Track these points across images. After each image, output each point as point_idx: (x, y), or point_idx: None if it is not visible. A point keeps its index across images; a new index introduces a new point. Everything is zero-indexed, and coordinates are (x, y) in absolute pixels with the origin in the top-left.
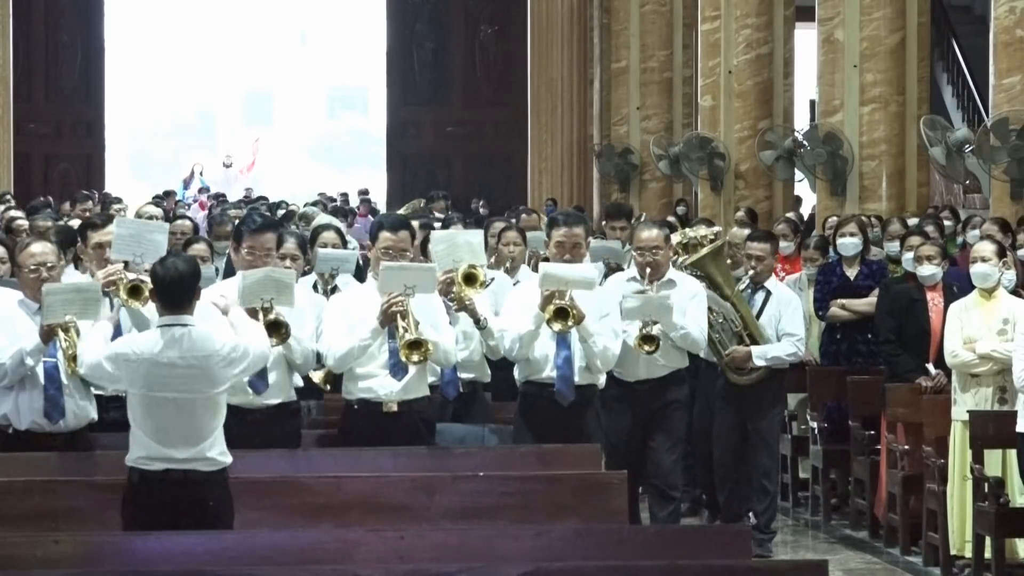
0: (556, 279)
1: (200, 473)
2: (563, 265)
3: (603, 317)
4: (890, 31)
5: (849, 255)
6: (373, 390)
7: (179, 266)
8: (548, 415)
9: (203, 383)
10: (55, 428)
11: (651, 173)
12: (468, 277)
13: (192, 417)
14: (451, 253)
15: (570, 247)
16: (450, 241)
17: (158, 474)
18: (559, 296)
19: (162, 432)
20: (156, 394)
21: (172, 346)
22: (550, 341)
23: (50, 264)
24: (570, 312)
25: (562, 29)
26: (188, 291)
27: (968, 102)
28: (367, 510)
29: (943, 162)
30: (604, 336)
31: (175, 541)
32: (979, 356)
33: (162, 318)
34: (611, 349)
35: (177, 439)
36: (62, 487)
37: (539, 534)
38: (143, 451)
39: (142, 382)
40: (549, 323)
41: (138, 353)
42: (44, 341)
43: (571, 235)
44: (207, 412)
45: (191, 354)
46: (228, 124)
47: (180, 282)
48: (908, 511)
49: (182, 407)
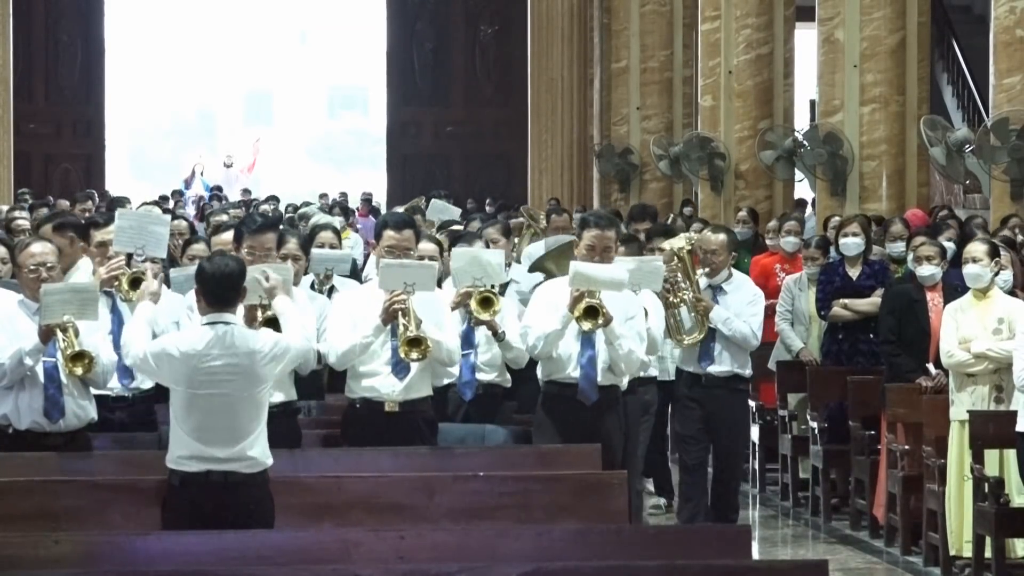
0: (586, 278)
1: (240, 475)
2: (594, 265)
3: (628, 320)
4: (890, 31)
5: (851, 255)
6: (375, 389)
7: (229, 263)
8: (569, 414)
9: (246, 381)
10: (55, 428)
11: (651, 173)
12: (484, 301)
13: (234, 416)
14: (471, 271)
15: (601, 250)
16: (471, 259)
17: (199, 477)
18: (589, 295)
19: (204, 431)
20: (198, 392)
21: (216, 344)
22: (574, 341)
23: (50, 264)
24: (600, 311)
25: (562, 29)
26: (236, 289)
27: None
28: (367, 510)
29: (943, 162)
30: (630, 339)
31: (175, 541)
32: (975, 356)
33: (206, 316)
34: (636, 352)
35: (218, 438)
36: (62, 487)
37: (539, 534)
38: (184, 450)
39: (185, 380)
40: (579, 321)
41: (182, 350)
42: (43, 341)
43: (603, 238)
44: (249, 411)
45: (234, 352)
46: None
47: (229, 279)
48: (908, 511)
49: (224, 405)
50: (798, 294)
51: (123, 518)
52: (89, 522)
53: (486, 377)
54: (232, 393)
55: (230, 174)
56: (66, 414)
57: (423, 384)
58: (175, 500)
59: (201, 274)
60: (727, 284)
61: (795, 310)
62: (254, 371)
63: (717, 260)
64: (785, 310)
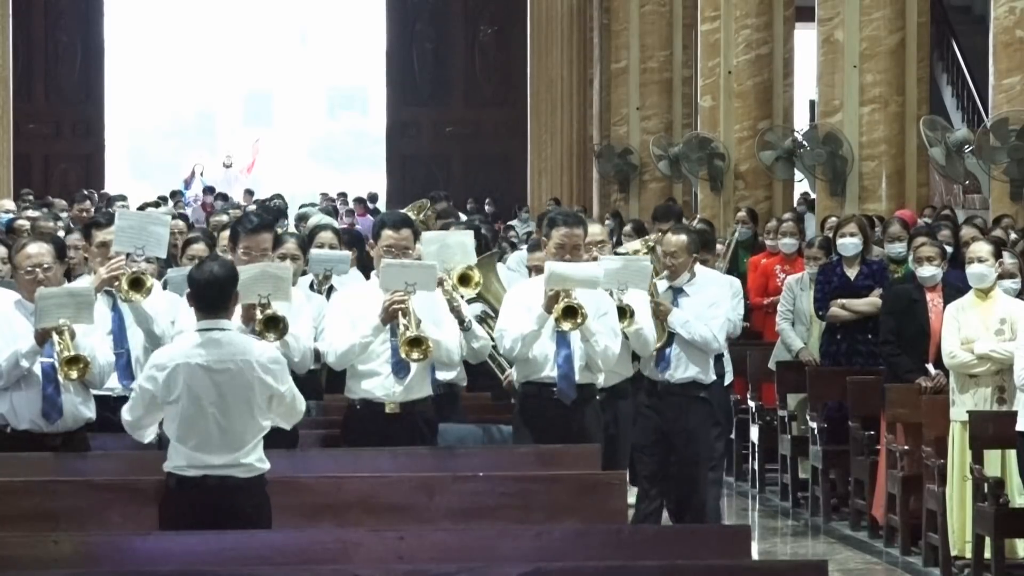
0: (562, 278)
1: (237, 479)
2: (569, 264)
3: (602, 316)
4: (890, 31)
5: (849, 255)
6: (375, 391)
7: (215, 269)
8: (549, 415)
9: (241, 387)
10: (53, 428)
11: (651, 173)
12: (463, 278)
13: (230, 422)
14: (442, 254)
15: (570, 248)
16: (441, 242)
17: (195, 480)
18: (565, 295)
19: (199, 440)
20: (193, 400)
21: (209, 350)
22: (549, 340)
23: (46, 265)
24: (579, 311)
25: (562, 29)
26: (224, 295)
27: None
28: (367, 510)
29: (943, 162)
30: (604, 335)
31: (175, 541)
32: (977, 357)
33: (199, 322)
34: (611, 348)
35: (215, 445)
36: (60, 487)
37: (539, 534)
38: (182, 460)
39: (179, 389)
40: (558, 322)
41: (175, 359)
42: (39, 344)
43: (572, 236)
44: (245, 419)
45: (229, 358)
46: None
47: (215, 285)
48: (908, 511)
49: (220, 412)
50: (799, 294)
51: (122, 518)
52: (88, 522)
53: (445, 376)
54: (227, 399)
55: (230, 175)
56: (64, 414)
57: (423, 385)
58: (172, 502)
59: (190, 282)
60: (689, 286)
61: (796, 310)
62: (249, 379)
63: (677, 262)
64: (786, 310)
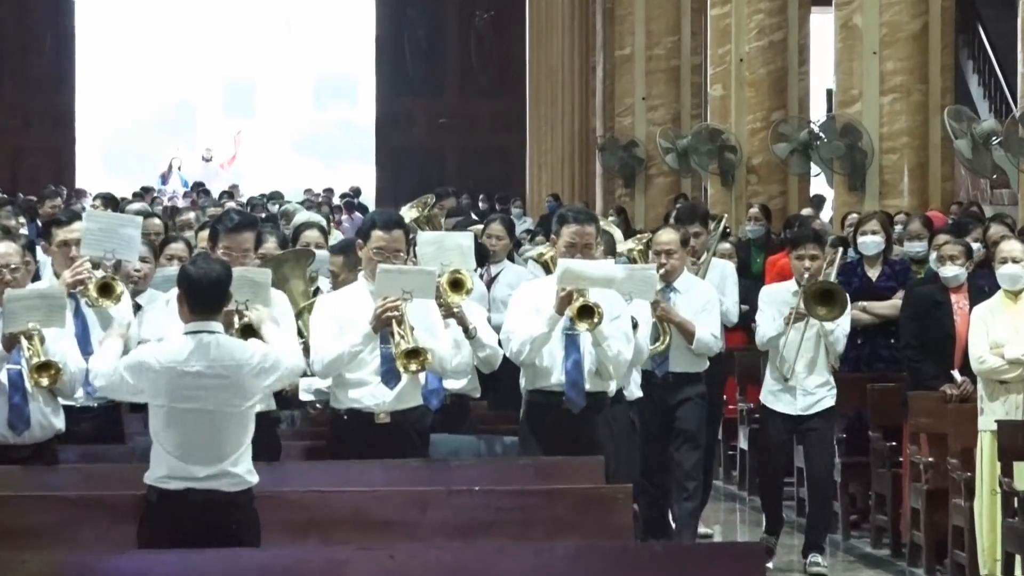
0: (577, 276)
1: (223, 494)
2: (584, 261)
3: (614, 319)
4: (912, 16)
5: (870, 254)
6: (364, 400)
7: (215, 267)
8: (557, 424)
9: (231, 394)
10: (20, 440)
11: (657, 167)
12: (454, 283)
13: (218, 431)
14: (439, 256)
15: (582, 246)
16: (439, 243)
17: (178, 493)
18: (579, 294)
19: (185, 448)
20: (180, 406)
21: (199, 354)
22: (558, 345)
23: (13, 265)
24: (595, 310)
25: (563, 14)
26: (223, 295)
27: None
28: (356, 526)
29: (969, 155)
30: (617, 339)
31: (151, 560)
32: (1008, 362)
33: (189, 324)
34: (624, 354)
35: (200, 455)
36: (29, 503)
37: (539, 552)
38: (164, 470)
39: (165, 393)
40: (574, 323)
41: (161, 361)
42: (6, 349)
43: (583, 233)
44: (234, 426)
45: (219, 363)
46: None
47: (217, 284)
48: (933, 528)
49: (208, 420)
50: None
51: (96, 536)
52: (58, 540)
53: (455, 386)
54: (216, 407)
55: (209, 168)
56: (32, 425)
57: (414, 393)
58: (152, 518)
59: (185, 279)
60: (679, 283)
61: None
62: (240, 384)
63: (674, 260)
64: None
